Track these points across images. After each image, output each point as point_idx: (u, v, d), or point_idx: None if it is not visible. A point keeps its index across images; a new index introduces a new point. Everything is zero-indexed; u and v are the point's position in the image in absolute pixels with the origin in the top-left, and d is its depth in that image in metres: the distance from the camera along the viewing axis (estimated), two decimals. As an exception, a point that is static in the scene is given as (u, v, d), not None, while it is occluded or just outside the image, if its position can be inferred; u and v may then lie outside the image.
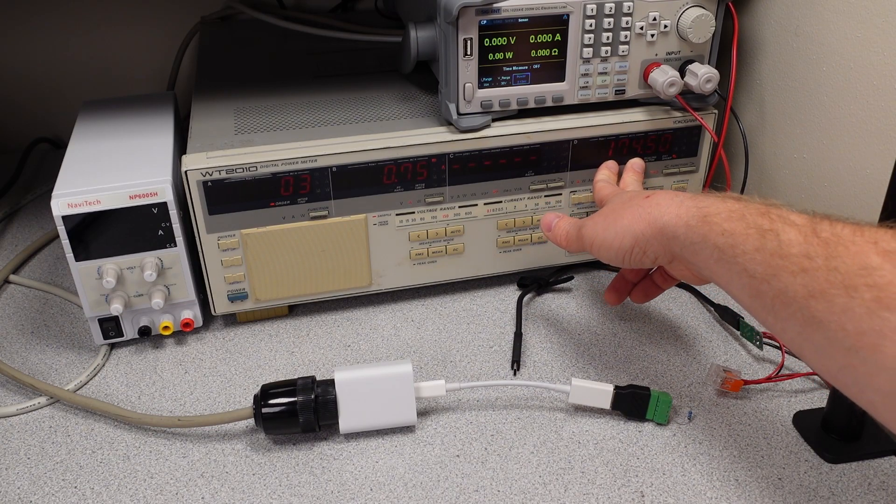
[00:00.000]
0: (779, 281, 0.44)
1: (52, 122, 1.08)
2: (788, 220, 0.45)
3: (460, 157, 0.70)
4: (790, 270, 0.43)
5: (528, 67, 0.69)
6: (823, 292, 0.41)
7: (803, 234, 0.44)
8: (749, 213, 0.48)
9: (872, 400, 0.40)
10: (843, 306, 0.40)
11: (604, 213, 0.61)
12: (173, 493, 0.58)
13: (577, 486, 0.58)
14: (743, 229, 0.47)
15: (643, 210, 0.56)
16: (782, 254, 0.44)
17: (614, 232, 0.58)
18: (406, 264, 0.75)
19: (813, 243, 0.43)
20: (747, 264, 0.46)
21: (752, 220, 0.47)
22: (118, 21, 1.04)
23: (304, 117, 0.73)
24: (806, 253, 0.43)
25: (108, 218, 0.64)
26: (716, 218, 0.50)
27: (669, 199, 0.55)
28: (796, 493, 0.57)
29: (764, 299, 0.45)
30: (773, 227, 0.46)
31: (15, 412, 0.65)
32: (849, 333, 0.39)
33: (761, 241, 0.46)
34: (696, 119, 0.73)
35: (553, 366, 0.70)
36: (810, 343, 0.43)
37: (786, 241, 0.44)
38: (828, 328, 0.41)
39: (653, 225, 0.55)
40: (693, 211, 0.52)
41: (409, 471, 0.59)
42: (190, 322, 0.70)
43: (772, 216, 0.46)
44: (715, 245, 0.49)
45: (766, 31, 0.74)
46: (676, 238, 0.53)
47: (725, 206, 0.50)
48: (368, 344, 0.73)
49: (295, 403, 0.59)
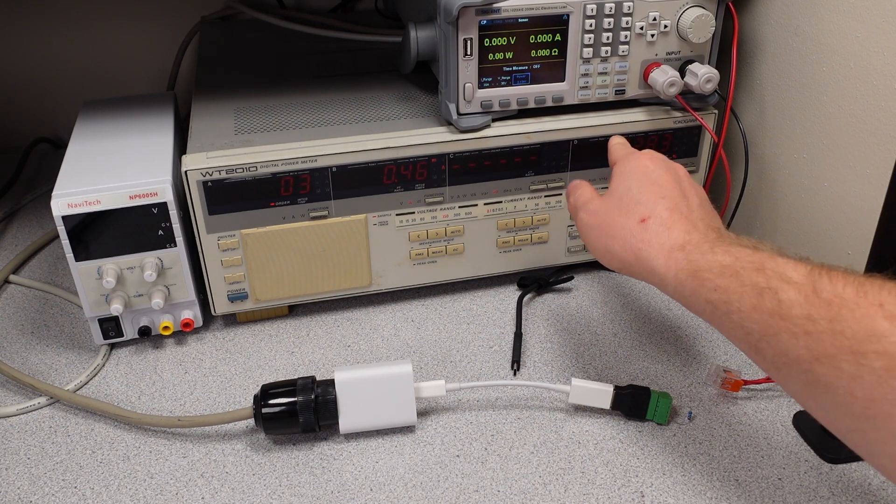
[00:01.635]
0: (779, 342, 0.43)
1: (52, 122, 1.08)
2: (786, 277, 0.44)
3: (460, 157, 0.70)
4: (792, 332, 0.42)
5: (528, 67, 0.69)
6: (830, 357, 0.40)
7: (803, 295, 0.42)
8: (743, 268, 0.47)
9: (885, 465, 0.39)
10: (851, 373, 0.39)
11: (599, 216, 0.58)
12: (173, 493, 0.58)
13: (577, 486, 0.58)
14: (737, 287, 0.46)
15: (634, 240, 0.54)
16: (783, 314, 0.43)
17: (604, 248, 0.57)
18: (406, 264, 0.75)
19: (815, 304, 0.41)
20: (744, 322, 0.45)
21: (746, 278, 0.46)
22: (118, 21, 1.04)
23: (304, 117, 0.73)
24: (808, 315, 0.41)
25: (108, 218, 0.64)
26: (707, 274, 0.49)
27: (659, 235, 0.53)
28: (796, 494, 0.57)
29: (763, 356, 0.45)
30: (770, 286, 0.44)
31: (15, 412, 0.65)
32: (857, 399, 0.39)
33: (758, 300, 0.44)
34: (696, 119, 0.73)
35: (553, 366, 0.70)
36: (815, 402, 0.42)
37: (786, 302, 0.43)
38: (835, 392, 0.40)
39: (640, 264, 0.54)
40: (683, 264, 0.51)
41: (409, 471, 0.59)
42: (190, 322, 0.70)
43: (767, 273, 0.45)
44: (707, 301, 0.48)
45: (766, 31, 0.74)
46: (665, 285, 0.52)
47: (716, 259, 0.49)
48: (368, 344, 0.73)
49: (295, 403, 0.59)
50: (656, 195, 0.56)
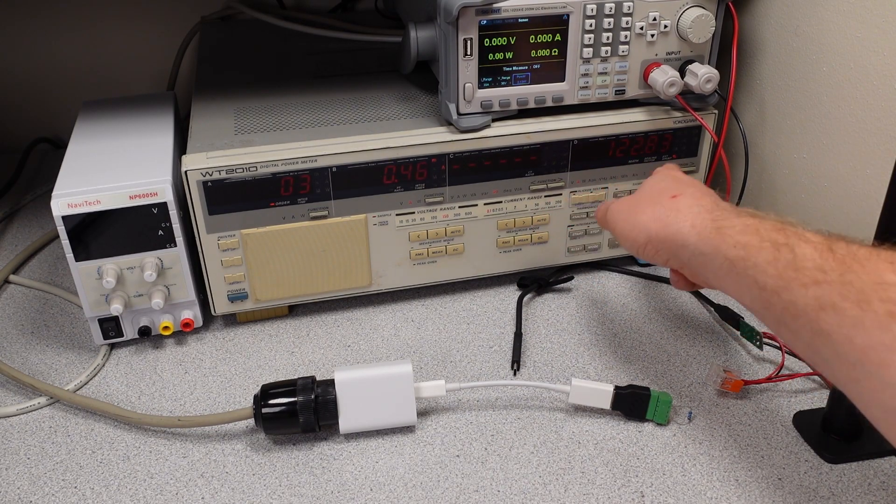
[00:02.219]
0: (789, 293, 0.44)
1: (52, 122, 1.08)
2: (804, 236, 0.45)
3: (460, 157, 0.70)
4: (802, 282, 0.43)
5: (528, 67, 0.69)
6: (834, 305, 0.41)
7: (818, 251, 0.44)
8: (764, 227, 0.48)
9: (877, 416, 0.40)
10: (853, 319, 0.40)
11: (632, 200, 0.61)
12: (173, 493, 0.58)
13: (577, 486, 0.58)
14: (757, 242, 0.47)
15: (663, 211, 0.56)
16: (796, 266, 0.44)
17: (632, 224, 0.59)
18: (406, 264, 0.75)
19: (828, 258, 0.43)
20: (758, 276, 0.46)
21: (766, 235, 0.47)
22: (118, 21, 1.04)
23: (304, 117, 0.73)
24: (820, 267, 0.43)
25: (108, 218, 0.64)
26: (729, 231, 0.50)
27: (689, 205, 0.55)
28: (796, 493, 0.57)
29: (774, 310, 0.46)
30: (787, 242, 0.46)
31: (15, 412, 0.65)
32: (856, 347, 0.39)
33: (775, 255, 0.46)
34: (696, 119, 0.73)
35: (553, 366, 0.70)
36: (818, 355, 0.43)
37: (800, 255, 0.44)
38: (835, 341, 0.41)
39: (666, 229, 0.55)
40: (707, 223, 0.52)
41: (409, 471, 0.59)
42: (190, 322, 0.70)
43: (787, 232, 0.47)
44: (726, 257, 0.49)
45: (766, 31, 0.74)
46: (686, 247, 0.54)
47: (740, 220, 0.50)
48: (368, 344, 0.73)
49: (295, 403, 0.59)
50: (687, 183, 0.59)
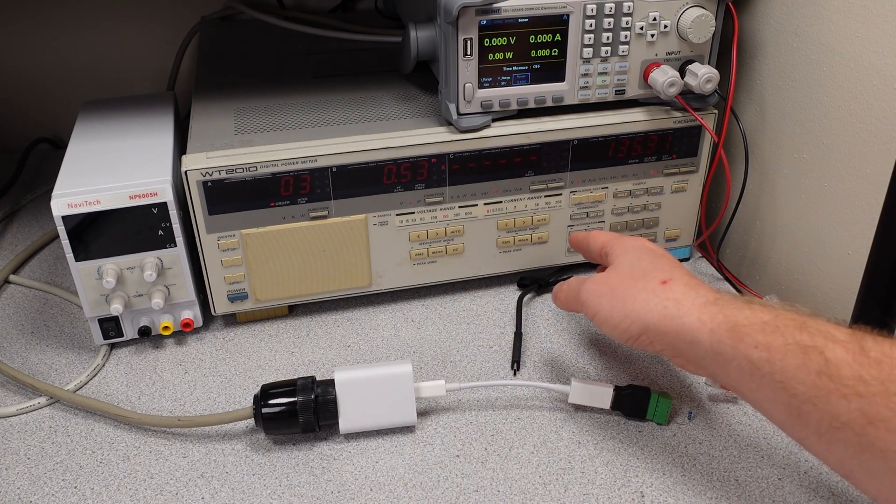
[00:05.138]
0: (829, 404, 0.41)
1: (52, 122, 1.08)
2: (830, 335, 0.42)
3: (460, 157, 0.70)
4: (842, 394, 0.40)
5: (528, 67, 0.69)
6: (885, 420, 0.39)
7: (851, 354, 0.41)
8: (784, 325, 0.44)
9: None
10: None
11: (611, 282, 0.56)
12: (173, 493, 0.58)
13: (577, 486, 0.58)
14: (781, 344, 0.44)
15: (659, 300, 0.52)
16: (831, 374, 0.41)
17: (622, 313, 0.53)
18: (406, 264, 0.75)
19: (864, 364, 0.40)
20: (787, 383, 0.43)
21: (789, 335, 0.44)
22: (118, 21, 1.04)
23: (304, 117, 0.73)
24: (859, 376, 0.40)
25: (108, 218, 0.64)
26: (747, 329, 0.46)
27: (686, 293, 0.51)
28: (796, 494, 0.57)
29: (808, 420, 0.42)
30: (815, 344, 0.42)
31: (15, 412, 0.65)
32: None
33: (804, 359, 0.42)
34: (696, 119, 0.73)
35: (553, 366, 0.70)
36: (865, 468, 0.41)
37: (833, 361, 0.41)
38: (890, 457, 0.39)
39: (668, 322, 0.51)
40: (719, 318, 0.48)
41: (409, 471, 0.59)
42: (190, 322, 0.70)
43: (811, 330, 0.43)
44: (748, 358, 0.45)
45: (766, 31, 0.74)
46: (698, 344, 0.49)
47: (757, 317, 0.46)
48: (368, 344, 0.73)
49: (295, 404, 0.59)
50: (670, 264, 0.55)
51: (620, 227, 0.78)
